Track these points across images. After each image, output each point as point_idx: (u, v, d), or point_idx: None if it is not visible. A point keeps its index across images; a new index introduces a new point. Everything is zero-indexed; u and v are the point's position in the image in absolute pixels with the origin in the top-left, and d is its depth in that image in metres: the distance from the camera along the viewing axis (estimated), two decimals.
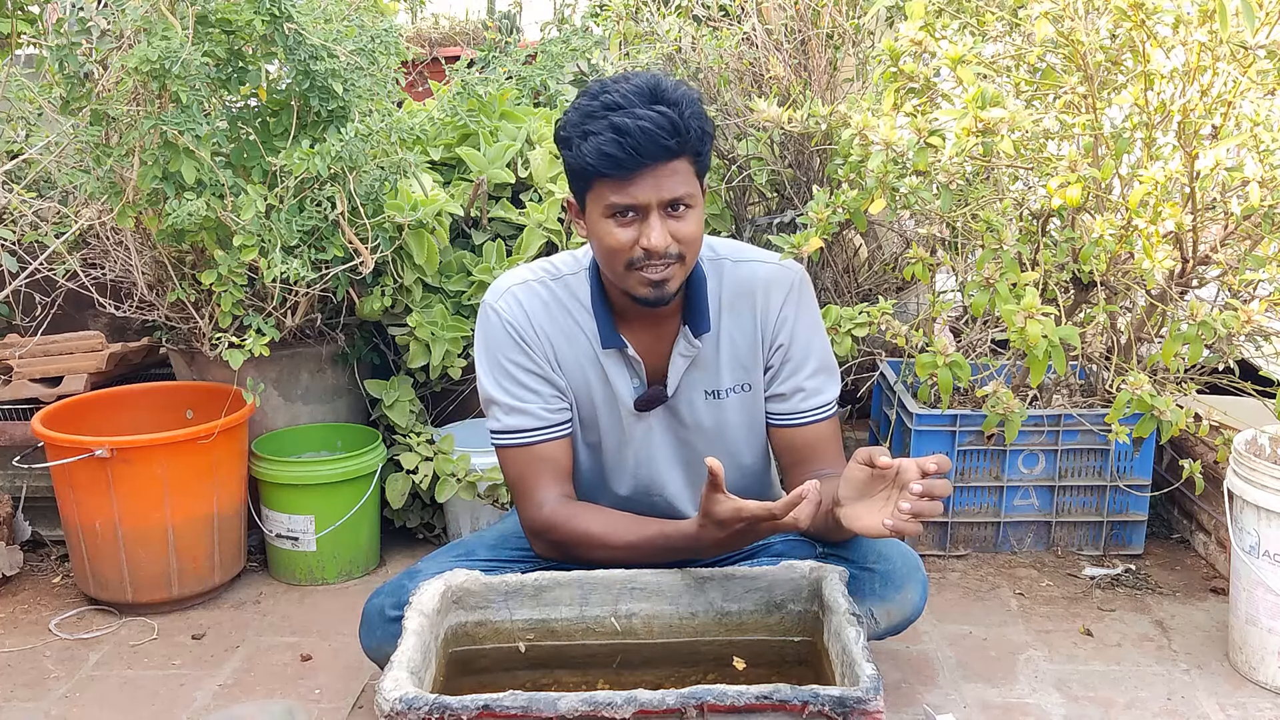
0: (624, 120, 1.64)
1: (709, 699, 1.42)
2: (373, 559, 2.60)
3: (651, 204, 1.69)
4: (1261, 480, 1.98)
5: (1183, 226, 2.14)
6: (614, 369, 1.88)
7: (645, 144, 1.64)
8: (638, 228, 1.70)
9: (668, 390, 1.90)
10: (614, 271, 1.76)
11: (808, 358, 1.92)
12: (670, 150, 1.67)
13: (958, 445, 2.52)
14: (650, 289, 1.74)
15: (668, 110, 1.65)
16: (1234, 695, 2.02)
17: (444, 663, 1.71)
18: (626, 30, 3.10)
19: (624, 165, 1.65)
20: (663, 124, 1.64)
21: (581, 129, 1.68)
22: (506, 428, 1.86)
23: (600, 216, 1.72)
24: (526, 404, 1.85)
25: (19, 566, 2.55)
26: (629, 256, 1.72)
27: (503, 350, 1.85)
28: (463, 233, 2.74)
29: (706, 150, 1.75)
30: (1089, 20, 2.18)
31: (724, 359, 1.90)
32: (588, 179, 1.71)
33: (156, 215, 2.34)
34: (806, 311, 1.92)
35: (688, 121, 1.67)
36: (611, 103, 1.66)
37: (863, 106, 2.26)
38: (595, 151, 1.65)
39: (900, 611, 1.89)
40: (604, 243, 1.73)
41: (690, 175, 1.72)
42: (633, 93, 1.67)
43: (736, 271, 1.90)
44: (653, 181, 1.68)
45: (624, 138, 1.63)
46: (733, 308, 1.89)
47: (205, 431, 2.32)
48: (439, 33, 4.53)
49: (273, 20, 2.21)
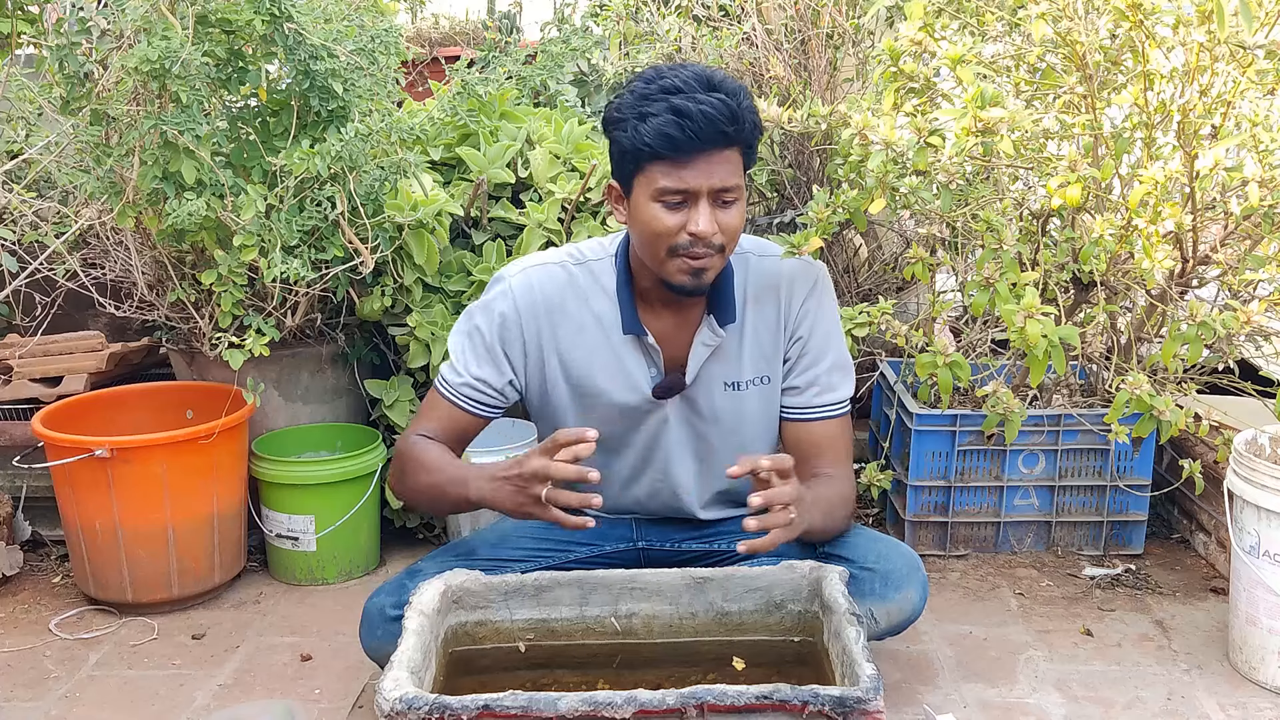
0: (685, 104, 1.66)
1: (709, 699, 1.42)
2: (373, 559, 2.60)
3: (702, 190, 1.70)
4: (1261, 480, 1.98)
5: (1183, 226, 2.14)
6: (631, 356, 1.89)
7: (705, 128, 1.66)
8: (685, 213, 1.72)
9: (686, 379, 1.90)
10: (654, 257, 1.77)
11: (825, 352, 1.93)
12: (727, 137, 1.69)
13: (958, 445, 2.52)
14: (689, 277, 1.76)
15: (726, 98, 1.68)
16: (1234, 695, 2.02)
17: (444, 662, 1.71)
18: (626, 30, 3.10)
19: (681, 148, 1.67)
20: (723, 110, 1.67)
21: (638, 110, 1.70)
22: (443, 374, 1.94)
23: (648, 200, 1.73)
24: (461, 370, 1.90)
25: (19, 566, 2.55)
26: (673, 242, 1.73)
27: (483, 316, 1.90)
28: (463, 233, 2.74)
29: (755, 145, 1.77)
30: (1088, 20, 2.18)
31: (746, 351, 1.91)
32: (640, 161, 1.72)
33: (156, 215, 2.34)
34: (827, 308, 1.94)
35: (744, 112, 1.70)
36: (671, 86, 1.69)
37: (863, 106, 2.26)
38: (654, 132, 1.67)
39: (900, 611, 1.89)
40: (650, 226, 1.74)
41: (739, 167, 1.74)
42: (692, 79, 1.70)
43: (761, 265, 1.92)
44: (706, 168, 1.70)
45: (685, 120, 1.66)
46: (757, 300, 1.91)
47: (205, 431, 2.32)
48: (439, 33, 4.53)
49: (273, 20, 2.21)
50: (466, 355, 1.91)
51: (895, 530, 2.65)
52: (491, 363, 1.90)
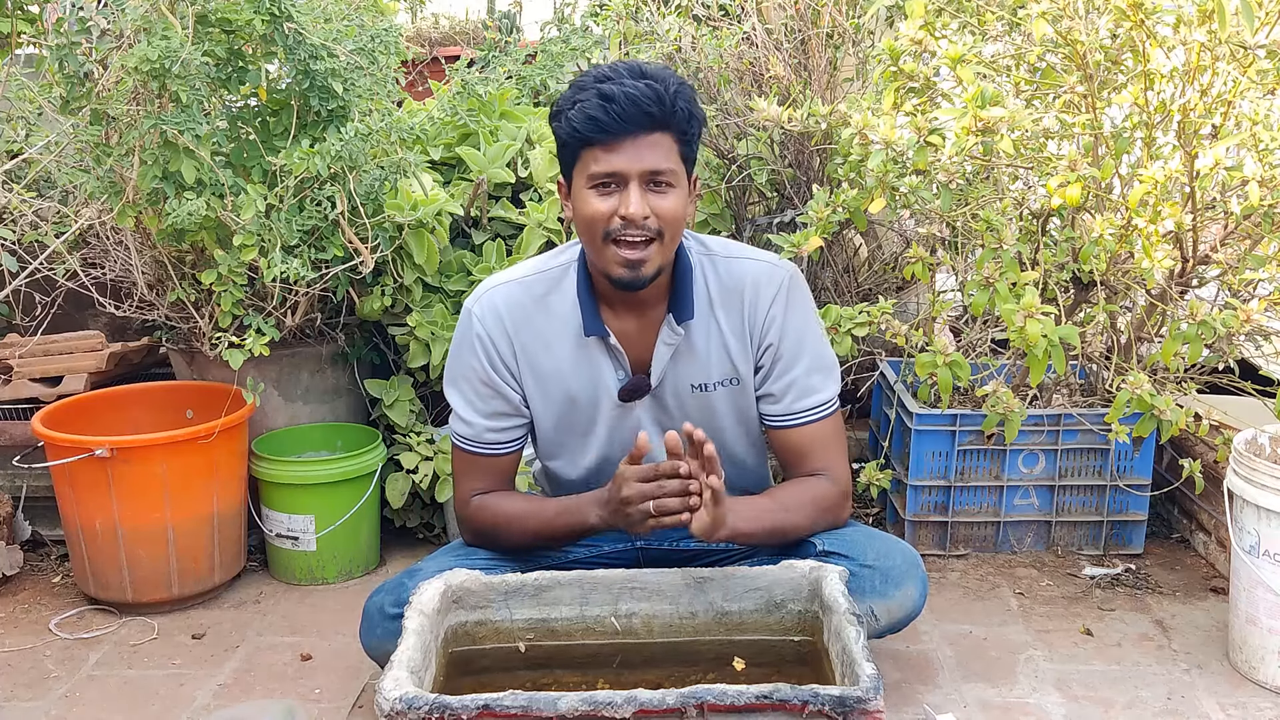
0: (611, 88, 1.70)
1: (709, 699, 1.42)
2: (373, 559, 2.60)
3: (631, 173, 1.72)
4: (1261, 480, 1.98)
5: (1182, 226, 2.14)
6: (598, 360, 1.89)
7: (628, 109, 1.69)
8: (618, 198, 1.74)
9: (651, 380, 1.90)
10: (593, 245, 1.79)
11: (799, 356, 1.91)
12: (653, 119, 1.71)
13: (958, 445, 2.52)
14: (626, 269, 1.76)
15: (654, 83, 1.72)
16: (1234, 695, 2.02)
17: (444, 662, 1.71)
18: (626, 30, 3.10)
19: (607, 129, 1.70)
20: (648, 94, 1.70)
21: (571, 99, 1.74)
22: (456, 430, 1.95)
23: (583, 188, 1.75)
24: (471, 419, 1.92)
25: (19, 566, 2.55)
26: (606, 227, 1.74)
27: (465, 357, 1.91)
28: (463, 232, 2.74)
29: (693, 133, 1.78)
30: (1089, 20, 2.18)
31: (712, 352, 1.91)
32: (575, 150, 1.75)
33: (156, 215, 2.34)
34: (797, 310, 1.91)
35: (673, 97, 1.73)
36: (601, 75, 1.74)
37: (863, 106, 2.26)
38: (581, 116, 1.71)
39: (900, 609, 1.89)
40: (583, 213, 1.76)
41: (673, 153, 1.75)
42: (624, 68, 1.75)
43: (727, 267, 1.91)
44: (634, 151, 1.72)
45: (609, 103, 1.69)
46: (722, 303, 1.90)
47: (205, 431, 2.32)
48: (439, 32, 4.53)
49: (273, 20, 2.21)
50: (470, 402, 1.92)
51: (895, 530, 2.65)
52: (495, 393, 1.90)
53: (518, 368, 1.90)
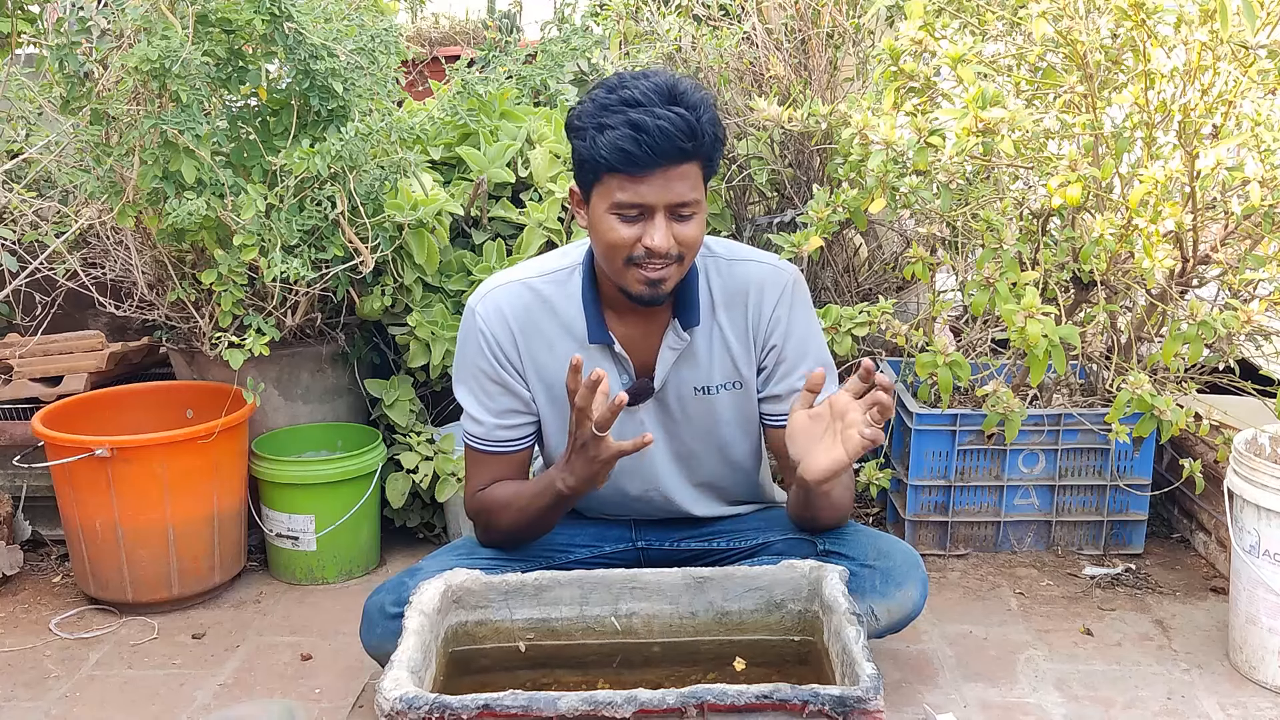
0: (642, 118, 1.63)
1: (709, 698, 1.42)
2: (373, 559, 2.60)
3: (659, 205, 1.69)
4: (1261, 480, 1.98)
5: (1183, 226, 2.14)
6: (601, 365, 1.88)
7: (661, 144, 1.64)
8: (642, 226, 1.70)
9: (655, 384, 1.90)
10: (612, 267, 1.76)
11: (802, 358, 1.91)
12: (685, 153, 1.67)
13: (958, 445, 2.52)
14: (646, 288, 1.75)
15: (686, 113, 1.65)
16: (1234, 695, 2.02)
17: (444, 662, 1.71)
18: (626, 30, 3.10)
19: (638, 163, 1.65)
20: (681, 126, 1.64)
21: (597, 121, 1.67)
22: (467, 429, 1.94)
23: (605, 211, 1.71)
24: (482, 417, 1.91)
25: (19, 566, 2.55)
26: (629, 254, 1.72)
27: (472, 357, 1.90)
28: (463, 232, 2.74)
29: (717, 157, 1.75)
30: (1089, 20, 2.18)
31: (715, 355, 1.90)
32: (597, 172, 1.70)
33: (156, 215, 2.34)
34: (800, 313, 1.91)
35: (704, 126, 1.67)
36: (630, 99, 1.66)
37: (863, 106, 2.26)
38: (610, 146, 1.65)
39: (901, 609, 1.89)
40: (605, 238, 1.73)
41: (699, 180, 1.72)
42: (652, 90, 1.66)
43: (730, 270, 1.90)
44: (663, 183, 1.67)
45: (641, 135, 1.63)
46: (725, 305, 1.89)
47: (205, 431, 2.32)
48: (439, 32, 4.53)
49: (273, 20, 2.21)
50: (480, 401, 1.90)
51: (895, 529, 2.65)
52: (504, 390, 1.89)
53: (523, 366, 1.89)
